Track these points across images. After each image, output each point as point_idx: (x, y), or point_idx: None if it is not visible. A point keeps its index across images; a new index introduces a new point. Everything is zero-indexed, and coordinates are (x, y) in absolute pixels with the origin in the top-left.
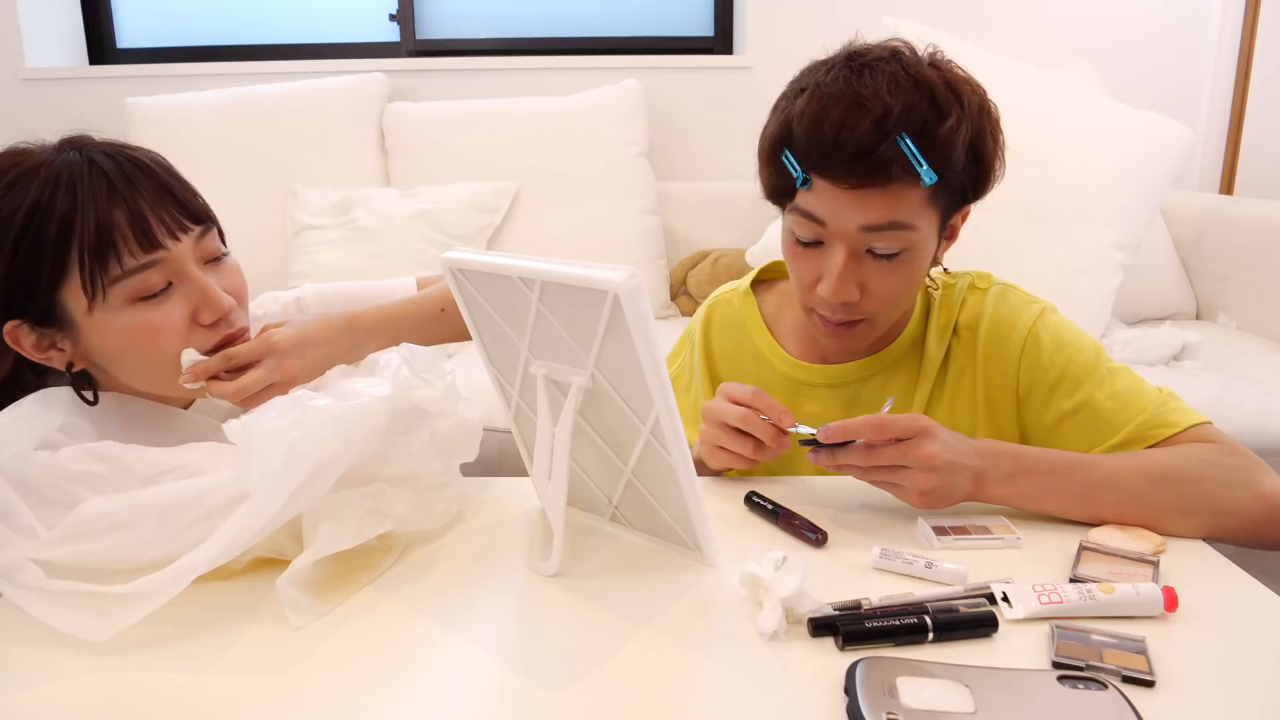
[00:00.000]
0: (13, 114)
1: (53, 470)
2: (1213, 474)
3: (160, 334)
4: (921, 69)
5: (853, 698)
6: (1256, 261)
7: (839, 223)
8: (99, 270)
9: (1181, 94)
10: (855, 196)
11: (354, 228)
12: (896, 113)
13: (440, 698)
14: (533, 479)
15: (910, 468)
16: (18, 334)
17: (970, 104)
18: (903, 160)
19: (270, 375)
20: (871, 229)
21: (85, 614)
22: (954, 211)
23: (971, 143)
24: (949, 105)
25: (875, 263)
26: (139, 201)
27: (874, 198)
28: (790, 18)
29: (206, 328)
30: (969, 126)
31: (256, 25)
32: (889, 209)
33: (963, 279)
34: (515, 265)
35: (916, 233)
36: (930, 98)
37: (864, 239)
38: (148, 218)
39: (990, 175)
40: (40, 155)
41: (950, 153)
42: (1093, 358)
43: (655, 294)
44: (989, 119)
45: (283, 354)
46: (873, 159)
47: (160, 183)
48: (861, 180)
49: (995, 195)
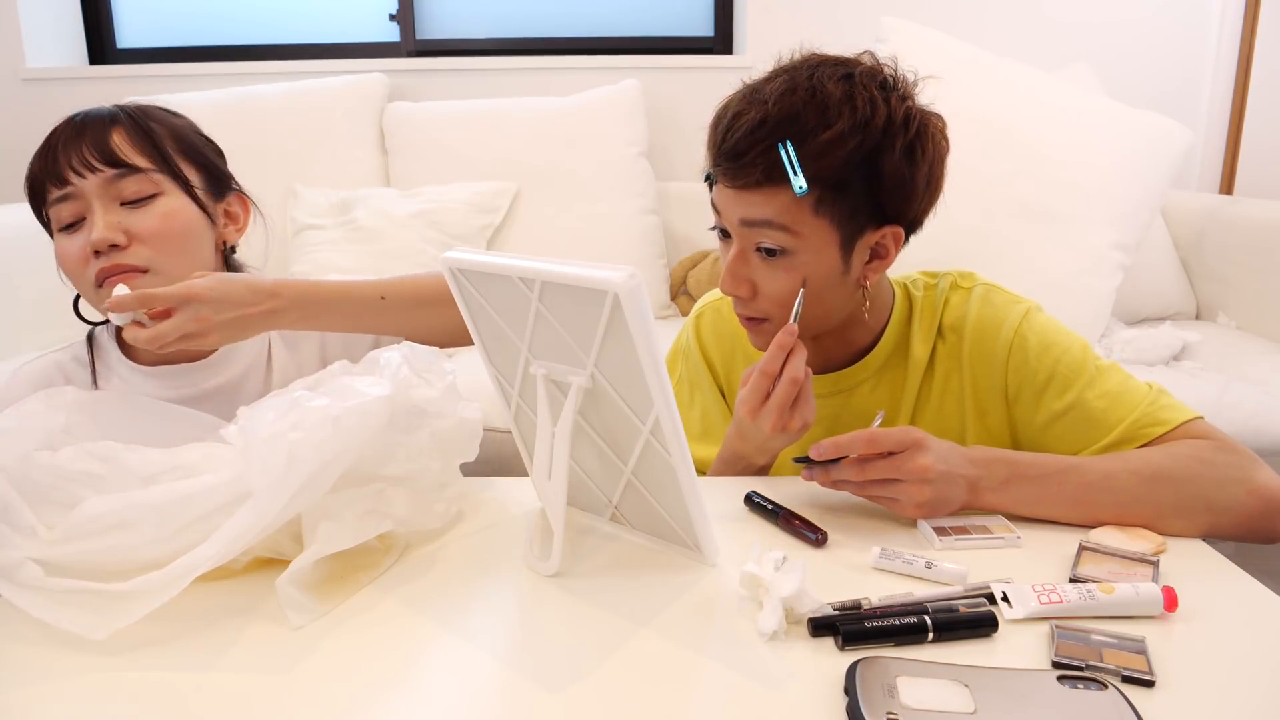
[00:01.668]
0: (13, 114)
1: (53, 470)
2: (1207, 472)
3: (65, 260)
4: (828, 81)
5: (852, 698)
6: (1256, 261)
7: (727, 214)
8: (39, 203)
9: (1181, 94)
10: (735, 193)
11: (354, 228)
12: (773, 119)
13: (440, 697)
14: (533, 479)
15: (904, 481)
16: None
17: (869, 119)
18: (771, 166)
19: (185, 325)
20: (749, 224)
21: (85, 612)
22: (866, 229)
23: (866, 159)
24: (836, 117)
25: (762, 261)
26: (71, 146)
27: (752, 196)
28: (790, 18)
29: (94, 257)
30: (862, 141)
31: (256, 25)
32: (762, 209)
33: (944, 279)
34: (515, 265)
35: (797, 238)
36: (820, 108)
37: (749, 234)
38: (58, 158)
39: (908, 197)
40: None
41: (829, 164)
42: (1080, 356)
43: (655, 294)
44: (901, 136)
45: (201, 303)
46: (743, 161)
47: (96, 130)
48: (732, 180)
49: (995, 195)
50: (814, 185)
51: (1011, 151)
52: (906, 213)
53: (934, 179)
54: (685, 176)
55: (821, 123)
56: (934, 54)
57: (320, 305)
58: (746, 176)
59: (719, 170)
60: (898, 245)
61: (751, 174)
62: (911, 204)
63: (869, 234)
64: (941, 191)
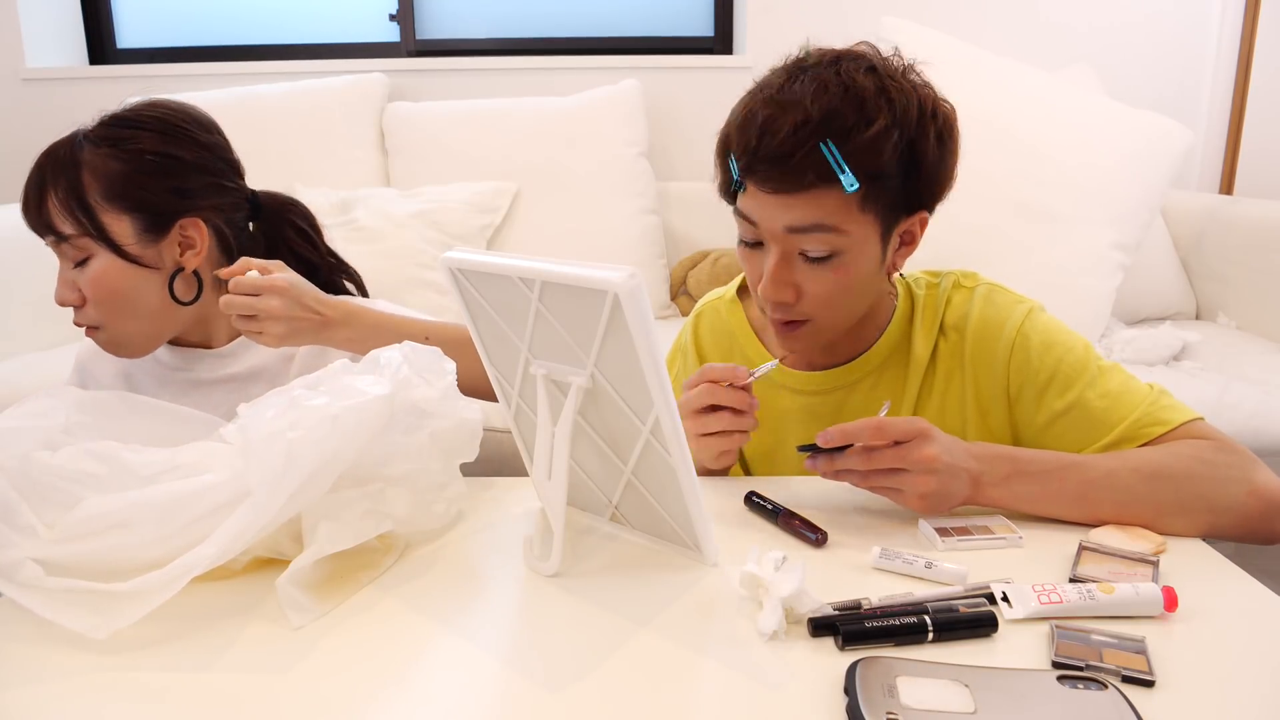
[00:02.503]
0: (13, 114)
1: (53, 470)
2: (1208, 471)
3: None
4: (856, 75)
5: (852, 698)
6: (1256, 261)
7: (767, 225)
8: None
9: (1181, 94)
10: (779, 200)
11: (354, 228)
12: (816, 119)
13: (440, 697)
14: (533, 479)
15: (909, 471)
16: None
17: (905, 110)
18: (820, 166)
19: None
20: (796, 230)
21: (85, 611)
22: (901, 218)
23: (907, 149)
24: (876, 111)
25: (808, 265)
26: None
27: (796, 201)
28: (790, 18)
29: None
30: (901, 133)
31: (256, 25)
32: (811, 212)
33: (946, 278)
34: (515, 265)
35: (846, 237)
36: (857, 104)
37: (792, 240)
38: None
39: (940, 182)
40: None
41: (876, 159)
42: (1082, 356)
43: (655, 294)
44: (933, 125)
45: (279, 294)
46: (790, 164)
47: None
48: (779, 185)
49: (995, 195)
50: (860, 181)
51: (1011, 151)
52: (937, 197)
53: (957, 162)
54: (685, 176)
55: (863, 118)
56: (934, 54)
57: (368, 330)
58: (796, 180)
59: (758, 177)
60: (924, 229)
61: (802, 177)
62: (943, 188)
63: (903, 222)
64: None
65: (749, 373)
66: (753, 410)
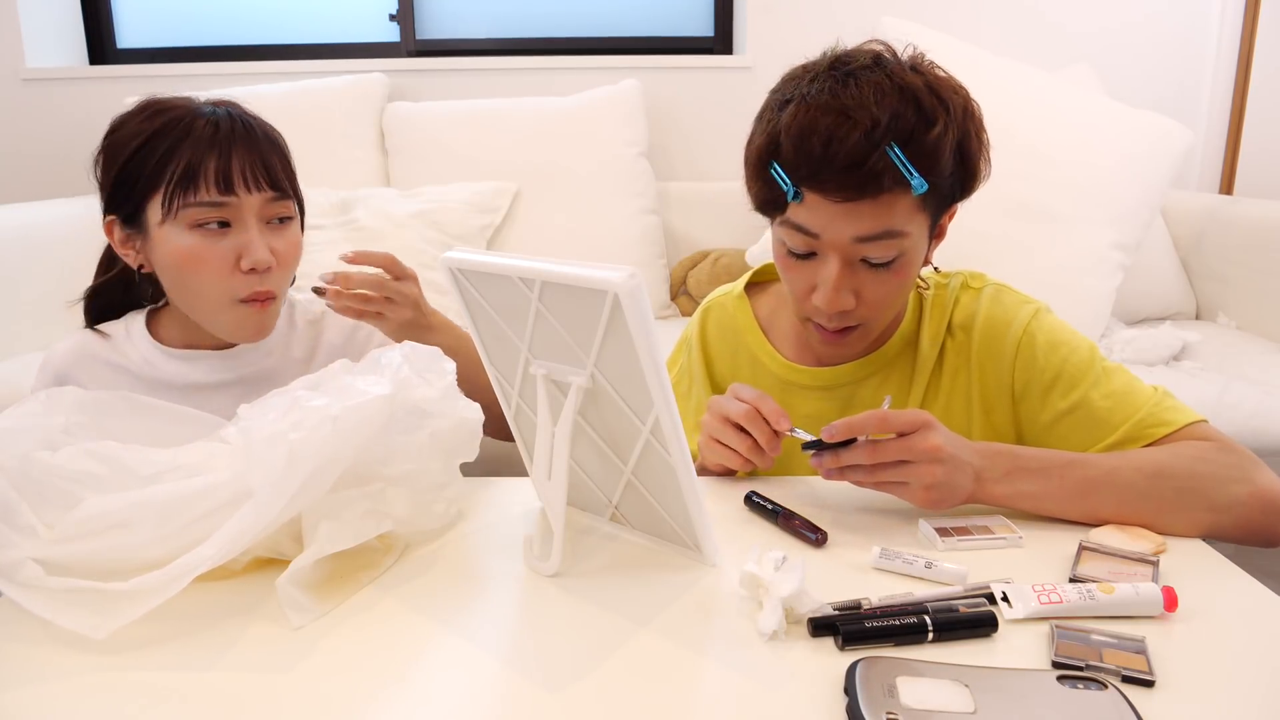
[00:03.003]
0: (13, 114)
1: (53, 470)
2: (1209, 471)
3: (203, 262)
4: (905, 75)
5: (852, 698)
6: (1256, 261)
7: (831, 235)
8: (178, 194)
9: (1181, 94)
10: (847, 209)
11: (354, 228)
12: (884, 123)
13: (440, 697)
14: (533, 479)
15: (915, 462)
16: (112, 227)
17: (955, 107)
18: (893, 171)
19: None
20: (865, 239)
21: (85, 611)
22: (942, 212)
23: (958, 146)
24: (935, 111)
25: (869, 271)
26: (231, 154)
27: (866, 209)
28: (790, 18)
29: (243, 273)
30: (955, 130)
31: (256, 25)
32: (882, 219)
33: (955, 278)
34: (515, 265)
35: (908, 239)
36: (916, 105)
37: (857, 249)
38: (232, 167)
39: (976, 175)
40: (185, 103)
41: (939, 159)
42: (1087, 357)
43: (655, 294)
44: (973, 120)
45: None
46: (864, 171)
47: (257, 147)
48: (853, 193)
49: (995, 195)
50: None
51: (1012, 151)
52: (972, 190)
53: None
54: (685, 176)
55: (923, 120)
56: (934, 54)
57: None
58: (870, 186)
59: (826, 187)
60: (951, 221)
61: (877, 182)
62: (977, 180)
63: (944, 216)
64: None
65: (791, 428)
66: (772, 455)
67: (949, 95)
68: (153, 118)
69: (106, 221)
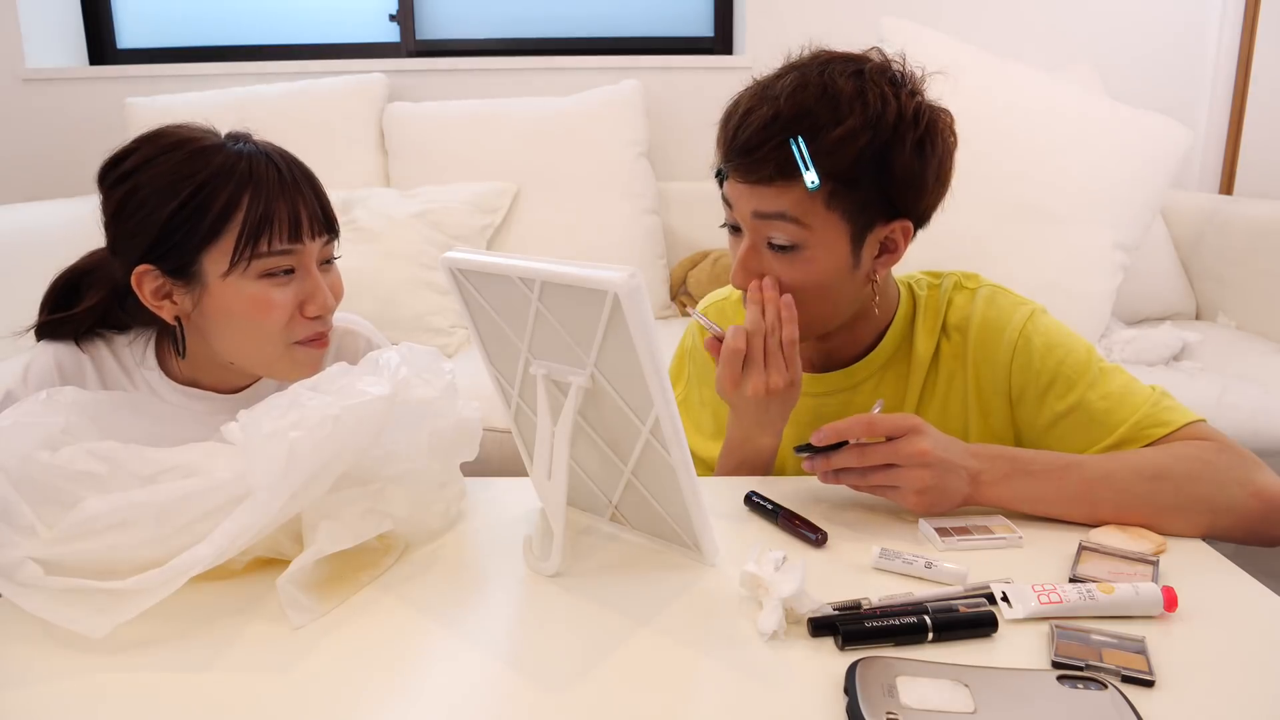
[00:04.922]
0: (13, 114)
1: (53, 470)
2: (1208, 472)
3: (272, 309)
4: (839, 77)
5: (852, 698)
6: (1256, 261)
7: (739, 208)
8: (250, 245)
9: (1181, 94)
10: (748, 187)
11: (354, 228)
12: (787, 115)
13: (440, 697)
14: (533, 479)
15: (903, 466)
16: (144, 277)
17: (880, 114)
18: (785, 161)
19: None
20: (761, 216)
21: (84, 610)
22: (876, 223)
23: (877, 154)
24: (848, 113)
25: (773, 255)
26: (298, 200)
27: (764, 190)
28: (790, 18)
29: (308, 319)
30: (874, 136)
31: (256, 25)
32: (775, 201)
33: (948, 279)
34: (515, 265)
35: (809, 231)
36: (831, 104)
37: (761, 227)
38: (301, 215)
39: (920, 192)
40: (215, 137)
41: (841, 160)
42: (1084, 358)
43: (655, 294)
44: (911, 132)
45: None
46: (754, 156)
47: (315, 189)
48: (745, 175)
49: (995, 195)
50: (826, 180)
51: (1011, 151)
52: (917, 207)
53: (943, 173)
54: (685, 176)
55: (833, 119)
56: (934, 54)
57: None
58: (759, 171)
59: (731, 165)
60: (907, 239)
61: (764, 169)
62: (922, 198)
63: (879, 228)
64: (950, 186)
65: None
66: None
67: (877, 102)
68: (192, 160)
69: (137, 272)
